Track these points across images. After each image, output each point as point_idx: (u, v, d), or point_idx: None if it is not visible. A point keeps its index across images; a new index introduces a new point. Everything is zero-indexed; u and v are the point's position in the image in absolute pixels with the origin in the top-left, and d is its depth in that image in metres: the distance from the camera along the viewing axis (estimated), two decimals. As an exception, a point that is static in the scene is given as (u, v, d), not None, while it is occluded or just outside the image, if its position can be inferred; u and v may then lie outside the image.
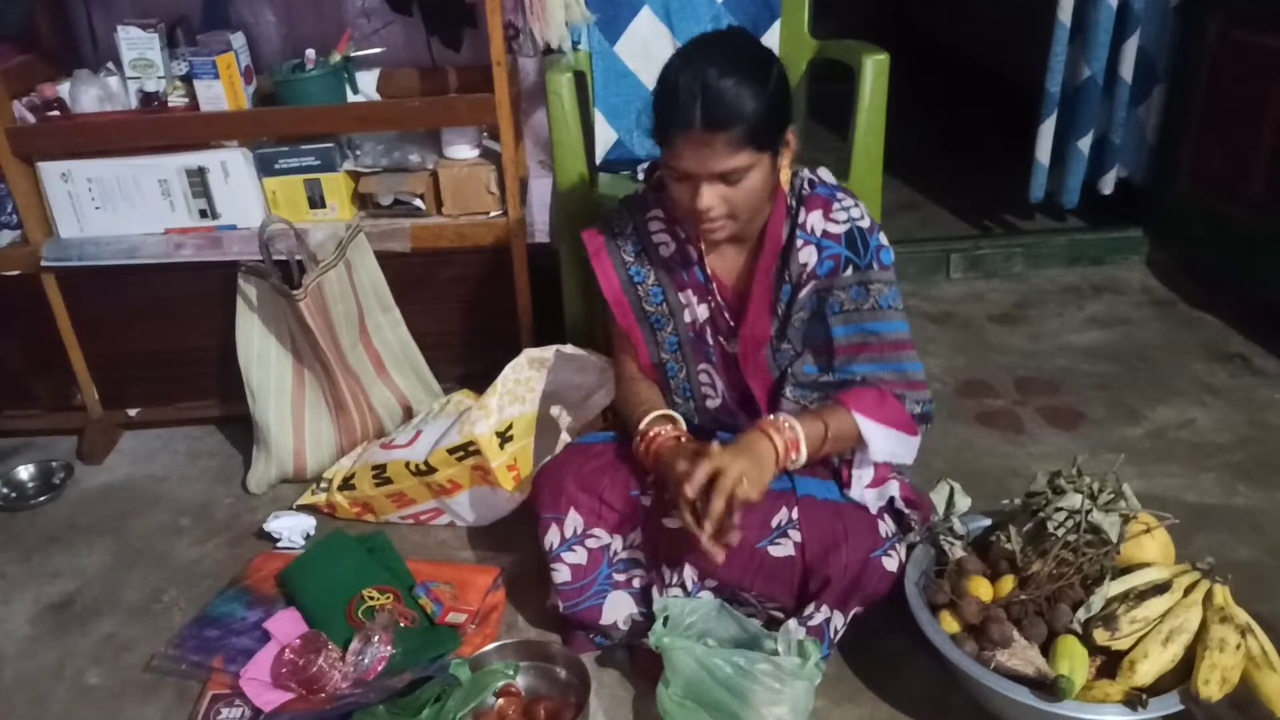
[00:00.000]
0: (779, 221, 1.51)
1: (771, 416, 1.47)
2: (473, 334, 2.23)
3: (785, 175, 1.48)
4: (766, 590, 1.51)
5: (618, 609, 1.57)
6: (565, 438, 1.79)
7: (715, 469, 1.36)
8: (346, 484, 1.96)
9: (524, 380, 1.84)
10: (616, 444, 1.63)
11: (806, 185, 1.53)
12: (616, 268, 1.60)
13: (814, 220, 1.50)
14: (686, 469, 1.38)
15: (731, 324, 1.58)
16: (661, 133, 1.40)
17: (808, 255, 1.50)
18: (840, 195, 1.52)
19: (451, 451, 1.83)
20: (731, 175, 1.37)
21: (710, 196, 1.38)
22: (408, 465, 1.88)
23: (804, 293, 1.51)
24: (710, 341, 1.60)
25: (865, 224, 1.50)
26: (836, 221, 1.49)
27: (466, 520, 1.94)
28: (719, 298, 1.57)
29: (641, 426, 1.52)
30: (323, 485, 2.01)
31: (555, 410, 1.85)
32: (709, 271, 1.57)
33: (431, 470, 1.86)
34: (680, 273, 1.58)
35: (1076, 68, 2.69)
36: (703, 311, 1.59)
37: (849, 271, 1.50)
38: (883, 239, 1.52)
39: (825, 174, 1.59)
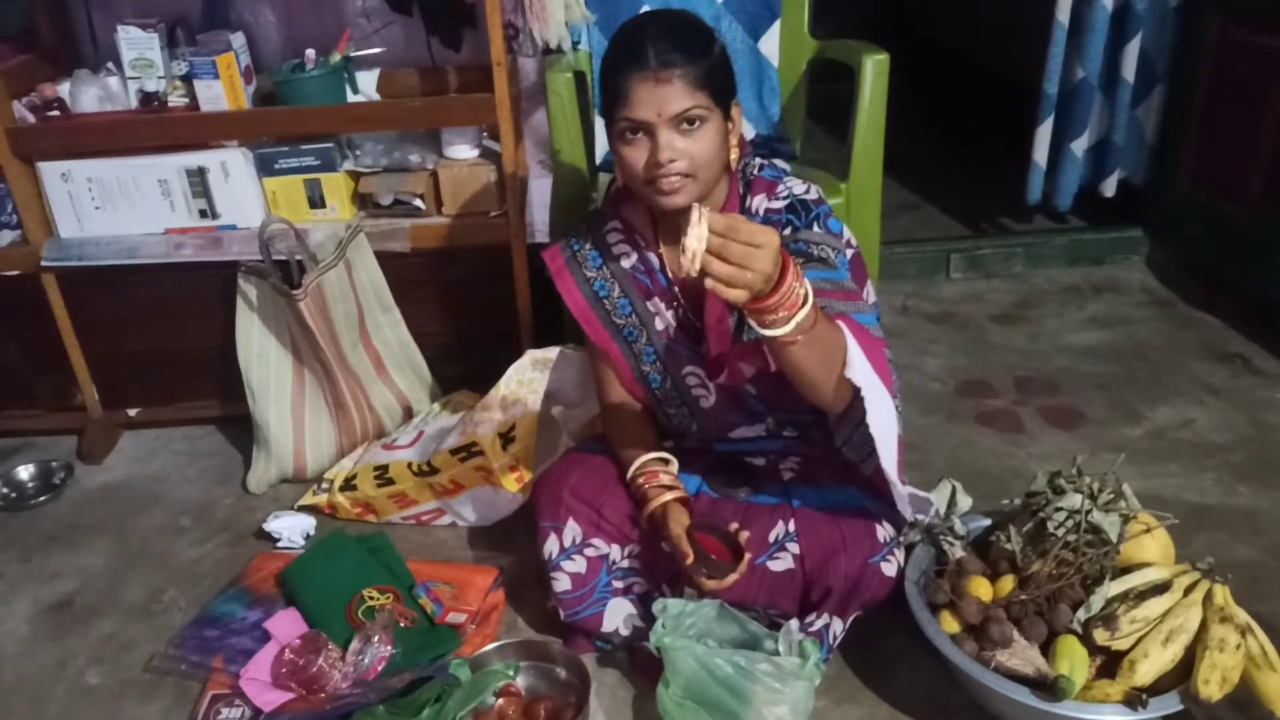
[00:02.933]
0: (732, 210, 1.49)
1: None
2: (473, 334, 2.23)
3: (734, 154, 1.46)
4: (770, 603, 1.51)
5: (618, 615, 1.57)
6: (566, 440, 1.79)
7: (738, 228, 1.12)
8: (348, 485, 1.95)
9: (526, 381, 1.84)
10: (614, 457, 1.62)
11: (755, 170, 1.52)
12: (579, 284, 1.59)
13: (758, 203, 1.50)
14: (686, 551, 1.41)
15: (697, 322, 1.55)
16: (614, 89, 1.37)
17: None
18: (787, 178, 1.51)
19: (454, 452, 1.83)
20: (689, 115, 1.34)
21: (668, 147, 1.34)
22: (410, 466, 1.88)
23: None
24: (685, 347, 1.57)
25: (811, 196, 1.49)
26: (779, 198, 1.49)
27: (468, 520, 1.94)
28: (683, 300, 1.55)
29: (630, 474, 1.53)
30: (324, 486, 2.01)
31: (556, 410, 1.85)
32: (671, 276, 1.56)
33: (434, 471, 1.86)
34: (644, 281, 1.57)
35: (1075, 69, 2.69)
36: (671, 317, 1.57)
37: (787, 231, 1.46)
38: (832, 214, 1.49)
39: (779, 162, 1.57)
